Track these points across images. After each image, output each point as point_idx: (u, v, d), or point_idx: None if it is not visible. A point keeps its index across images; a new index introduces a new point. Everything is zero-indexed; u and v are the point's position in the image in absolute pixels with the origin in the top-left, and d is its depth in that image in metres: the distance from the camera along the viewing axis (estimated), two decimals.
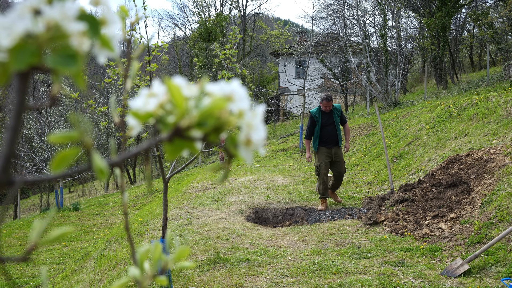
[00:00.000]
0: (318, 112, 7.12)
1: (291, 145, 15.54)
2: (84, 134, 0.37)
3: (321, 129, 7.06)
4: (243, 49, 32.93)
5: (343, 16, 20.03)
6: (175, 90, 0.39)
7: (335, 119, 7.10)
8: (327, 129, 7.06)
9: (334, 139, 7.06)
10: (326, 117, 7.11)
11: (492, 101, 9.45)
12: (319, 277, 4.51)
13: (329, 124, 7.07)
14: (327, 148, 7.07)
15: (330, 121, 7.08)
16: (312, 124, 7.14)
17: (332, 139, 7.05)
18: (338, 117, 7.12)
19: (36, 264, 8.24)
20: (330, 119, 7.10)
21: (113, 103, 0.56)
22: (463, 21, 20.79)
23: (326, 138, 7.05)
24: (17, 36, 0.33)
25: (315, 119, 7.11)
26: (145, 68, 3.71)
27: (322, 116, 7.11)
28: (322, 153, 7.06)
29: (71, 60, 0.35)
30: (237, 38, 4.45)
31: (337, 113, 7.14)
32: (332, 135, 7.05)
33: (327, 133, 7.05)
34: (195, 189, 9.31)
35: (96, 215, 13.43)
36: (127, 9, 0.65)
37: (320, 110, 7.12)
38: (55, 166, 0.34)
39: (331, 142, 7.06)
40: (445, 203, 6.11)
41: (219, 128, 0.39)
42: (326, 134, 7.05)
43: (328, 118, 7.11)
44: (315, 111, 7.14)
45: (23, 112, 0.37)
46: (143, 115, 0.41)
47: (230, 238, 5.87)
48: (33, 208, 23.55)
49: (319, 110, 7.12)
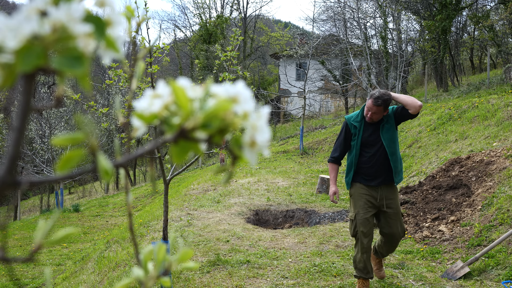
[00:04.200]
0: (360, 119, 4.05)
1: (291, 147, 15.54)
2: (90, 135, 0.37)
3: (361, 152, 4.06)
4: (244, 51, 32.95)
5: (344, 18, 20.06)
6: (180, 92, 0.39)
7: (388, 135, 4.01)
8: (371, 154, 4.03)
9: (384, 173, 4.02)
10: (371, 132, 4.03)
11: (493, 103, 9.46)
12: (319, 279, 4.51)
13: (375, 144, 4.02)
14: (370, 187, 4.05)
15: (377, 140, 4.01)
16: (345, 140, 4.14)
17: (379, 173, 4.02)
18: (393, 132, 4.04)
19: (36, 265, 8.23)
20: (377, 137, 4.01)
21: (118, 104, 0.56)
22: (464, 23, 20.80)
23: (368, 170, 4.04)
24: (24, 37, 0.34)
25: (350, 131, 4.10)
26: (147, 70, 3.71)
27: (365, 129, 4.05)
28: (361, 196, 4.04)
29: (77, 62, 0.35)
30: (239, 40, 4.45)
31: (392, 124, 4.04)
32: (380, 164, 4.01)
33: (372, 161, 4.02)
34: (195, 191, 9.31)
35: (96, 217, 13.43)
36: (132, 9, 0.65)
37: (363, 118, 4.05)
38: (61, 167, 0.35)
39: (377, 177, 4.03)
40: (446, 206, 6.11)
41: (224, 130, 0.39)
42: (369, 162, 4.03)
43: (374, 133, 4.03)
44: (353, 118, 4.11)
45: (28, 113, 0.38)
46: (148, 116, 0.41)
47: (231, 240, 5.86)
48: (33, 209, 23.53)
49: (361, 116, 4.06)
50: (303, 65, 25.41)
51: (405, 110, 3.94)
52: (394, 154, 4.02)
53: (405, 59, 17.31)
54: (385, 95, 3.86)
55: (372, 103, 3.88)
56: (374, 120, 3.98)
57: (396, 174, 4.05)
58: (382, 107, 3.87)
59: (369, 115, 3.95)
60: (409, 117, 3.98)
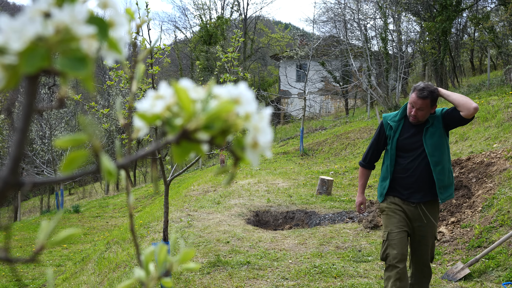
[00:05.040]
0: (398, 119, 3.38)
1: (291, 148, 15.54)
2: (92, 136, 0.37)
3: (397, 157, 3.36)
4: (244, 52, 32.97)
5: (344, 20, 20.07)
6: (182, 93, 0.39)
7: (433, 141, 3.27)
8: (409, 161, 3.32)
9: (425, 187, 3.29)
10: (411, 134, 3.33)
11: (493, 105, 9.46)
12: (319, 280, 4.50)
13: (414, 149, 3.31)
14: (407, 202, 3.33)
15: (418, 145, 3.29)
16: (378, 142, 3.50)
17: (418, 186, 3.29)
18: (440, 138, 3.28)
19: (36, 266, 8.22)
20: (418, 141, 3.30)
21: (119, 105, 0.56)
22: (464, 25, 20.81)
23: (404, 181, 3.33)
24: (28, 39, 0.34)
25: (385, 132, 3.43)
26: (147, 71, 3.72)
27: (403, 130, 3.35)
28: (395, 212, 3.32)
29: (81, 63, 0.35)
30: (239, 41, 4.46)
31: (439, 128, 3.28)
32: (420, 176, 3.28)
33: (409, 169, 3.32)
34: (195, 192, 9.31)
35: (97, 217, 13.43)
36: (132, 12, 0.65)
37: (404, 117, 3.38)
38: (64, 168, 0.35)
39: (415, 191, 3.30)
40: (446, 207, 6.10)
41: (226, 131, 0.39)
42: (405, 171, 3.33)
43: (414, 136, 3.32)
44: (390, 117, 3.44)
45: (31, 114, 0.38)
46: (150, 117, 0.41)
47: (231, 241, 5.86)
48: (33, 210, 23.54)
49: (401, 116, 3.38)
50: (303, 66, 25.43)
51: (456, 111, 3.19)
52: (439, 164, 3.25)
53: (405, 60, 17.32)
54: (431, 86, 3.22)
55: (417, 96, 3.18)
56: (419, 119, 3.22)
57: (442, 189, 3.25)
58: (428, 100, 3.15)
59: (413, 113, 3.22)
60: (461, 121, 3.23)
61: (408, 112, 3.29)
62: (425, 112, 3.21)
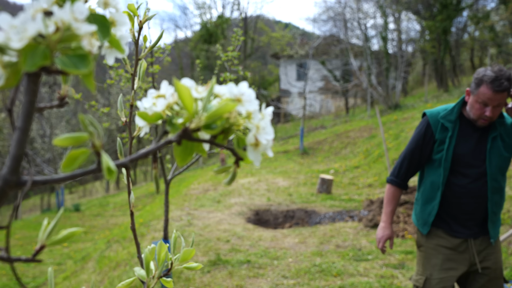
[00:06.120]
0: (455, 119, 2.30)
1: (291, 147, 15.54)
2: (93, 135, 0.37)
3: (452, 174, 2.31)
4: (244, 51, 32.94)
5: (344, 19, 20.05)
6: (183, 91, 0.39)
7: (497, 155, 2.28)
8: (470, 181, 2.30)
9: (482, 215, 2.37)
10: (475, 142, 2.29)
11: None
12: (319, 279, 4.51)
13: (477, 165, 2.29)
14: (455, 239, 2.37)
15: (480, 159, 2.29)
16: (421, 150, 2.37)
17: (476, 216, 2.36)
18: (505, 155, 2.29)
19: (36, 264, 8.23)
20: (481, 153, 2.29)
21: (120, 104, 0.56)
22: (464, 24, 20.79)
23: (460, 208, 2.34)
24: (28, 37, 0.34)
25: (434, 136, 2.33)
26: (148, 70, 3.72)
27: (460, 134, 2.30)
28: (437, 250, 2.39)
29: (82, 61, 0.35)
30: (240, 40, 4.45)
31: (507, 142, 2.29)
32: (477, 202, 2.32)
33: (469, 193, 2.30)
34: (195, 191, 9.31)
35: (97, 216, 13.43)
36: (135, 8, 0.65)
37: (459, 118, 2.32)
38: (65, 166, 0.35)
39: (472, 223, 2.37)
40: None
41: (228, 130, 0.39)
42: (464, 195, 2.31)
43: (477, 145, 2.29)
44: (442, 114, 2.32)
45: (32, 113, 0.38)
46: (152, 116, 0.41)
47: (231, 240, 5.86)
48: (34, 209, 23.54)
49: (457, 115, 2.31)
50: (304, 65, 25.41)
51: None
52: (498, 191, 2.33)
53: (406, 60, 17.32)
54: (503, 69, 2.17)
55: (493, 90, 2.13)
56: (493, 120, 2.22)
57: (493, 223, 2.39)
58: (506, 92, 2.15)
59: (488, 113, 2.18)
60: None
61: (476, 113, 2.22)
62: (501, 108, 2.22)
